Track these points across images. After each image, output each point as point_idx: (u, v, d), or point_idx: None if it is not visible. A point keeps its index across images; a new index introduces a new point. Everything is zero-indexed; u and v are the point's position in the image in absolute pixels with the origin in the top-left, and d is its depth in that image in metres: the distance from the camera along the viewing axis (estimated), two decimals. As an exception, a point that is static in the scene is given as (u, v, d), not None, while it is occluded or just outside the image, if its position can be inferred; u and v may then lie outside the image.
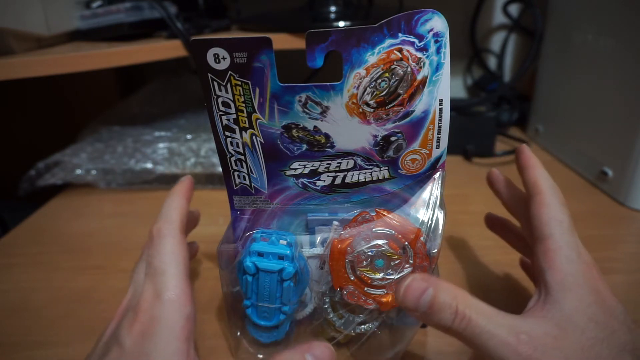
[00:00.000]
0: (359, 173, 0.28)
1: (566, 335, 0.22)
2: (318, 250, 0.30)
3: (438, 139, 0.27)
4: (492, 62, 0.83)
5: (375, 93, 0.25)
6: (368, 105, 0.26)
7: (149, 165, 0.55)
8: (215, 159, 0.55)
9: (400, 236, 0.27)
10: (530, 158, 0.31)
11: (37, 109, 0.79)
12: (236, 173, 0.29)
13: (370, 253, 0.27)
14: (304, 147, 0.28)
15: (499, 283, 0.39)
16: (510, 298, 0.37)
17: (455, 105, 0.66)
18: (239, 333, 0.31)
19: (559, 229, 0.26)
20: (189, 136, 0.57)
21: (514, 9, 0.78)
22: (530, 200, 0.29)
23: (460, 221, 0.48)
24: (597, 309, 0.23)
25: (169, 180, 0.57)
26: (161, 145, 0.57)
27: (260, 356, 0.31)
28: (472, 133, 0.65)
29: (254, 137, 0.28)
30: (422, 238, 0.27)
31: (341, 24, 0.54)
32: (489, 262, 0.42)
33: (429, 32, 0.24)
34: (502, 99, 0.75)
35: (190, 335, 0.25)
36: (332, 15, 0.57)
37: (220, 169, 0.55)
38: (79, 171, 0.56)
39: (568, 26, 0.60)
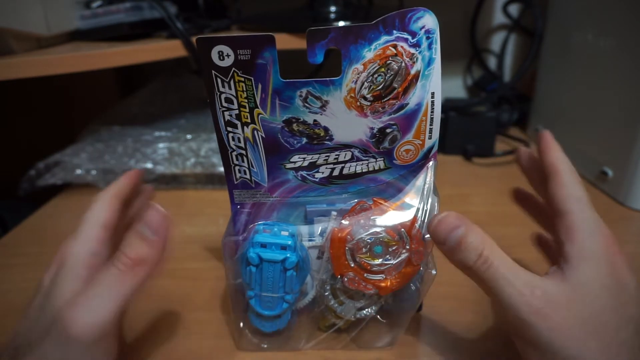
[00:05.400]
0: (356, 164, 0.31)
1: (579, 299, 0.25)
2: (317, 240, 0.32)
3: (430, 130, 0.29)
4: (492, 62, 0.84)
5: (372, 87, 0.28)
6: (365, 98, 0.28)
7: (149, 165, 0.57)
8: (215, 159, 0.57)
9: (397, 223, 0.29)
10: (549, 142, 0.32)
11: (37, 109, 0.80)
12: (237, 167, 0.31)
13: (369, 240, 0.29)
14: (304, 140, 0.30)
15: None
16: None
17: (455, 105, 0.68)
18: (242, 324, 0.33)
19: (578, 205, 0.28)
20: (189, 136, 0.59)
21: (514, 9, 0.79)
22: (548, 180, 0.30)
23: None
24: (611, 281, 0.25)
25: (168, 181, 0.59)
26: (161, 145, 0.58)
27: (265, 346, 0.33)
28: (472, 133, 0.67)
29: (255, 131, 0.29)
30: (417, 224, 0.29)
31: (341, 23, 0.56)
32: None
33: (421, 29, 0.26)
34: (502, 99, 0.77)
35: (93, 269, 0.28)
36: (332, 15, 0.59)
37: (220, 169, 0.57)
38: (79, 171, 0.58)
39: (568, 26, 0.62)
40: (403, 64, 0.27)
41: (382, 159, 0.30)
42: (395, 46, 0.27)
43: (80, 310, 0.25)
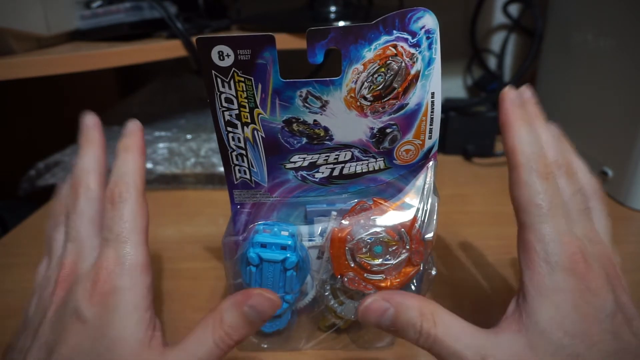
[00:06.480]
0: (356, 164, 0.30)
1: (536, 356, 0.22)
2: (317, 240, 0.32)
3: (430, 130, 0.29)
4: (492, 62, 0.84)
5: (372, 87, 0.28)
6: (365, 98, 0.28)
7: (149, 165, 0.57)
8: (215, 159, 0.57)
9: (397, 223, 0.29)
10: (510, 112, 0.26)
11: (37, 109, 0.80)
12: (237, 167, 0.31)
13: (369, 240, 0.29)
14: (304, 140, 0.30)
15: (497, 283, 0.40)
16: (508, 298, 0.38)
17: (455, 105, 0.68)
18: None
19: (538, 216, 0.24)
20: (189, 136, 0.59)
21: (514, 9, 0.79)
22: (509, 174, 0.26)
23: (459, 221, 0.50)
24: (577, 318, 0.22)
25: (169, 180, 0.59)
26: (161, 145, 0.58)
27: (265, 346, 0.33)
28: (472, 133, 0.67)
29: (255, 131, 0.29)
30: (417, 224, 0.29)
31: (341, 23, 0.56)
32: (488, 262, 0.43)
33: (421, 29, 0.26)
34: (502, 99, 0.76)
35: (151, 305, 0.26)
36: (332, 15, 0.59)
37: (220, 169, 0.57)
38: (79, 171, 0.57)
39: (568, 26, 0.62)
40: (403, 64, 0.27)
41: (382, 159, 0.30)
42: (395, 46, 0.27)
43: None
